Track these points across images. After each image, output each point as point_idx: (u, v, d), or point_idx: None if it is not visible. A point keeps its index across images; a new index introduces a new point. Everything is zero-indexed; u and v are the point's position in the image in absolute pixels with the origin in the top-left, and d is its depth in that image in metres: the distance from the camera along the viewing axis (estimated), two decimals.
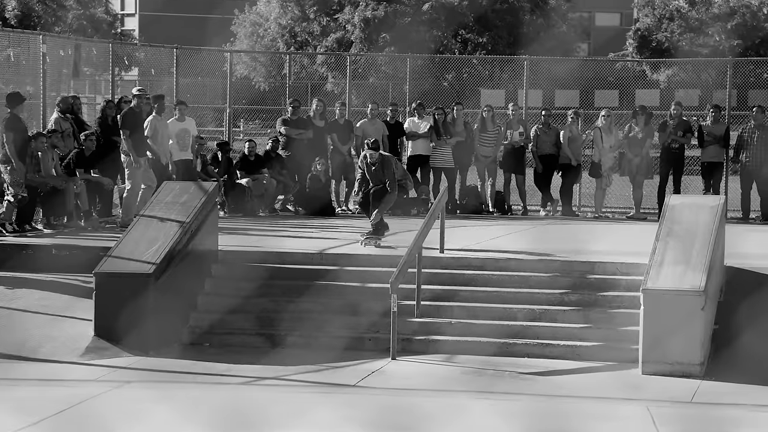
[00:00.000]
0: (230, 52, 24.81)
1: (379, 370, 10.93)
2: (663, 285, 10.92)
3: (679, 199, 12.91)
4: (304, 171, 19.71)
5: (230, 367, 11.02)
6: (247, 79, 48.60)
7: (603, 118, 19.98)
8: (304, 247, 13.80)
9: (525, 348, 11.53)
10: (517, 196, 20.71)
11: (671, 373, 10.79)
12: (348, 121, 20.54)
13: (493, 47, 45.85)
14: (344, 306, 12.35)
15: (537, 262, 12.76)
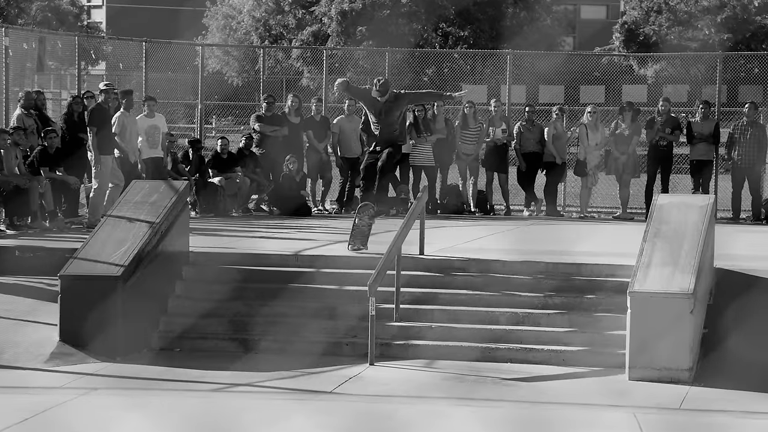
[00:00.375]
0: (202, 46, 24.77)
1: (357, 376, 10.93)
2: (650, 287, 10.96)
3: (667, 198, 12.96)
4: (278, 169, 19.71)
5: (202, 373, 11.00)
6: (219, 74, 48.52)
7: (589, 114, 20.05)
8: (279, 249, 13.78)
9: (508, 353, 11.56)
10: (499, 196, 20.77)
11: (659, 378, 10.83)
12: (324, 118, 20.55)
13: (474, 41, 45.93)
14: (321, 309, 12.34)
15: (520, 264, 12.79)
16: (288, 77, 43.62)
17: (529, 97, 33.23)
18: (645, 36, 46.55)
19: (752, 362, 10.91)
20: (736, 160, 19.59)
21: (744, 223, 19.52)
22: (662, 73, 43.49)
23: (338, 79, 13.55)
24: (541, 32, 46.60)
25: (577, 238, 15.83)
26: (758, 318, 11.52)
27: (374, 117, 13.64)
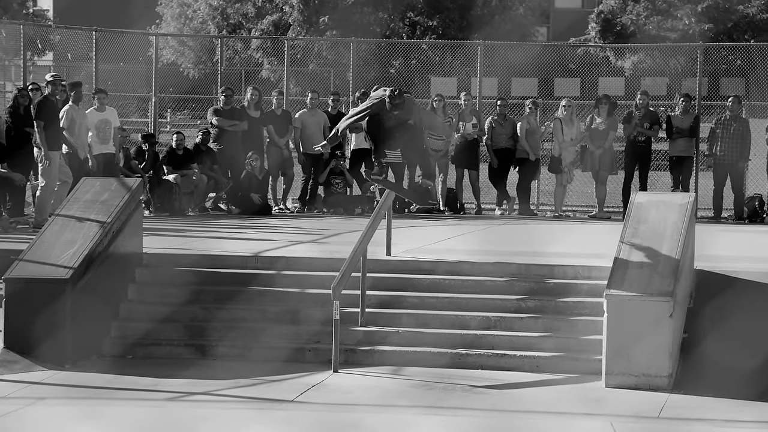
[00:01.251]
0: (156, 36, 24.68)
1: (320, 384, 10.93)
2: (628, 290, 11.02)
3: (646, 196, 13.02)
4: (237, 166, 19.68)
5: (156, 381, 10.97)
6: (174, 65, 48.33)
7: (563, 108, 20.13)
8: (237, 250, 13.76)
9: (479, 359, 11.58)
10: (470, 194, 20.82)
11: (637, 385, 10.88)
12: (286, 112, 20.54)
13: (444, 31, 45.96)
14: (282, 314, 12.33)
15: (492, 266, 12.82)
16: (247, 69, 43.51)
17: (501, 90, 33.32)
18: (622, 26, 46.74)
19: (734, 368, 10.99)
20: (718, 156, 19.72)
21: (726, 223, 19.66)
22: (640, 65, 43.70)
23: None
24: (514, 22, 46.70)
25: (551, 239, 15.89)
26: (740, 321, 11.60)
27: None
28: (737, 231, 18.11)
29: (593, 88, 34.78)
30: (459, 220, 19.23)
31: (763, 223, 19.57)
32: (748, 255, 14.18)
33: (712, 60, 33.83)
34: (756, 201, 19.94)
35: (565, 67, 35.79)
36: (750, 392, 10.61)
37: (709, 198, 20.12)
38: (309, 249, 14.08)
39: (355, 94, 20.90)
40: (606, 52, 43.70)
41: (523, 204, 20.26)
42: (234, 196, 19.68)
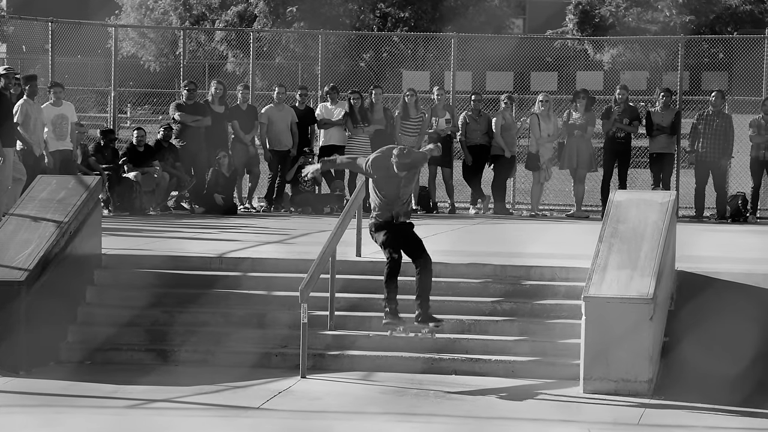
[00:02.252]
0: (115, 27, 24.59)
1: (287, 390, 10.92)
2: (607, 292, 11.05)
3: (625, 195, 13.07)
4: (200, 163, 19.63)
5: (116, 388, 10.93)
6: (134, 58, 48.18)
7: (540, 103, 20.18)
8: (201, 251, 13.73)
9: (452, 364, 11.60)
10: (443, 192, 20.85)
11: (616, 391, 10.92)
12: (251, 107, 20.50)
13: (416, 23, 46.00)
14: (247, 317, 12.31)
15: (466, 267, 12.84)
16: (211, 62, 43.43)
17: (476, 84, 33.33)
18: (601, 18, 46.91)
19: (716, 373, 11.04)
20: (700, 153, 19.81)
21: (708, 222, 19.75)
22: (619, 59, 43.86)
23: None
24: (489, 13, 46.80)
25: (527, 239, 15.92)
26: (722, 324, 11.66)
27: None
28: (720, 231, 18.20)
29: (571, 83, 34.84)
30: (432, 219, 19.23)
31: (746, 222, 19.68)
32: (730, 255, 14.25)
33: (693, 53, 33.98)
34: (739, 199, 20.03)
35: (541, 61, 35.86)
36: (733, 398, 10.67)
37: (691, 196, 20.21)
38: (276, 250, 14.06)
39: (324, 88, 20.90)
40: (584, 45, 43.85)
41: (498, 203, 20.30)
42: (197, 195, 19.63)
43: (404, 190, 11.51)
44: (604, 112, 20.19)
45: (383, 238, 11.41)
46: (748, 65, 24.08)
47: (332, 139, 20.13)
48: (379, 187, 11.44)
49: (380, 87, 20.89)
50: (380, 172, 11.39)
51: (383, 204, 11.44)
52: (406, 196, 11.60)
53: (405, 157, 11.27)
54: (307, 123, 20.32)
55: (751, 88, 23.14)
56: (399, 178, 11.33)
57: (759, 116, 19.81)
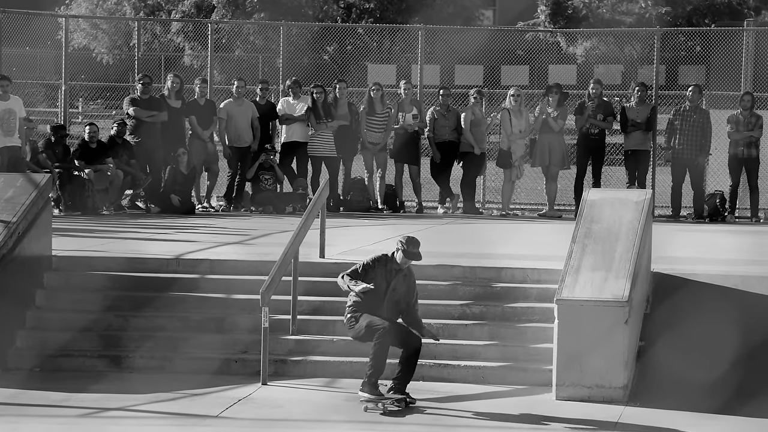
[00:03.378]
0: (66, 18, 24.47)
1: (247, 398, 10.91)
2: (580, 295, 11.09)
3: (599, 193, 13.13)
4: (156, 160, 19.57)
5: (67, 396, 10.89)
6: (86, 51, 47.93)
7: (511, 98, 20.22)
8: (157, 252, 13.69)
9: (420, 370, 11.58)
10: (410, 191, 20.85)
11: (590, 398, 10.96)
12: (210, 102, 20.45)
13: (381, 14, 45.98)
14: (205, 321, 12.29)
15: (434, 269, 12.86)
16: (167, 55, 43.27)
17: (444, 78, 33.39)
18: (574, 9, 47.02)
19: (694, 378, 11.10)
20: (677, 150, 19.89)
21: (685, 222, 19.84)
22: (593, 52, 43.99)
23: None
24: (457, 4, 46.82)
25: (498, 239, 15.96)
26: (700, 328, 11.72)
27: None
28: (697, 231, 18.29)
29: (543, 77, 34.96)
30: (398, 219, 19.25)
31: (724, 222, 19.78)
32: (708, 256, 14.33)
33: (669, 46, 34.15)
34: (717, 198, 20.14)
35: (512, 54, 35.93)
36: (711, 404, 10.73)
37: (667, 195, 20.30)
38: (235, 251, 14.04)
39: (286, 82, 20.87)
40: (556, 37, 43.96)
41: (467, 202, 20.33)
42: (153, 194, 19.56)
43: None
44: (578, 108, 20.25)
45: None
46: (726, 59, 24.22)
47: (294, 136, 20.10)
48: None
49: (345, 81, 20.88)
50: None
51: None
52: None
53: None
54: (268, 118, 20.28)
55: (730, 82, 23.27)
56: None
57: (737, 112, 19.91)
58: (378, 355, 10.59)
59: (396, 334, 10.66)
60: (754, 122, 19.75)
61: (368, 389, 10.59)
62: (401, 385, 10.66)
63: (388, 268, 10.78)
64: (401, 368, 10.68)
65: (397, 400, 10.57)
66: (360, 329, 10.70)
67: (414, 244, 10.81)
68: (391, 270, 10.78)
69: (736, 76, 22.04)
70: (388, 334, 10.59)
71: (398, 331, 10.71)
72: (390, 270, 10.78)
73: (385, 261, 10.81)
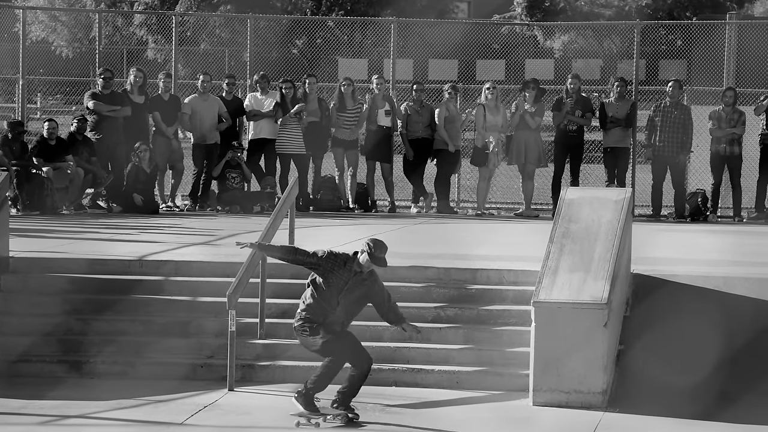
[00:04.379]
0: (23, 9, 24.35)
1: (213, 404, 10.90)
2: (558, 297, 11.12)
3: (578, 192, 13.16)
4: (118, 158, 19.51)
5: (25, 403, 10.85)
6: (45, 44, 47.77)
7: (487, 92, 20.24)
8: (119, 253, 13.66)
9: (392, 374, 11.62)
10: (382, 189, 20.85)
11: (568, 403, 10.99)
12: (174, 97, 20.40)
13: (352, 7, 46.01)
14: (170, 325, 12.27)
15: (407, 270, 12.87)
16: (129, 48, 43.17)
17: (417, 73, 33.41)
18: (551, 2, 47.17)
19: (675, 383, 11.14)
20: (657, 147, 19.95)
21: (666, 221, 19.91)
22: (571, 46, 44.12)
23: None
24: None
25: (473, 240, 15.98)
26: (681, 331, 11.77)
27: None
28: (678, 231, 18.36)
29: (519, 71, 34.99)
30: (370, 218, 19.25)
31: (706, 221, 19.86)
32: (689, 257, 14.39)
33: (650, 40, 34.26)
34: (699, 197, 20.22)
35: (488, 48, 35.98)
36: (692, 410, 10.78)
37: (648, 194, 20.36)
38: (201, 252, 14.02)
39: (254, 77, 20.84)
40: (533, 30, 44.05)
41: (441, 201, 20.34)
42: (115, 192, 19.50)
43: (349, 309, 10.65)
44: (555, 104, 20.29)
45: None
46: (708, 53, 24.30)
47: (262, 132, 20.07)
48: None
49: (314, 76, 20.86)
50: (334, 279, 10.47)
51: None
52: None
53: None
54: (235, 114, 20.24)
55: (712, 77, 23.37)
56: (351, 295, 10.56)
57: (719, 108, 20.00)
58: (328, 374, 10.44)
59: (350, 353, 10.49)
60: (737, 119, 19.83)
61: (304, 402, 10.41)
62: (346, 400, 10.45)
63: (347, 267, 10.50)
64: (348, 384, 10.49)
65: (338, 416, 10.36)
66: (315, 345, 10.51)
67: (381, 248, 10.52)
68: (350, 270, 10.52)
69: (718, 71, 22.13)
70: (344, 355, 10.46)
71: (352, 350, 10.50)
72: (349, 269, 10.54)
73: (345, 259, 10.57)
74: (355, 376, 10.51)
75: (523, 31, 44.20)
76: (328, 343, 10.47)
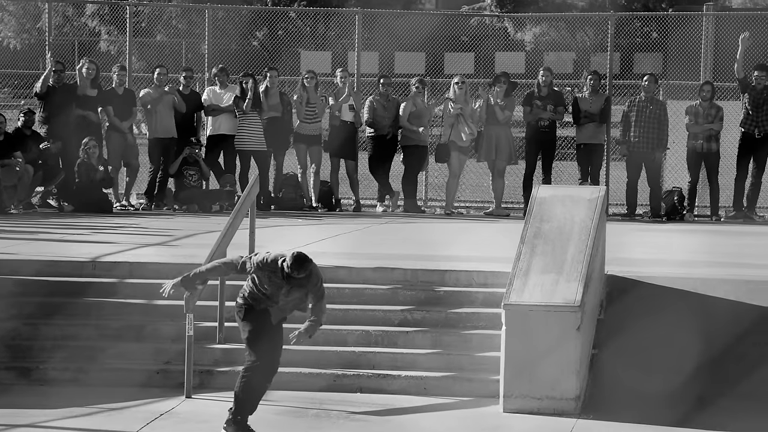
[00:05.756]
0: None
1: (170, 412, 10.87)
2: (529, 299, 11.14)
3: (550, 190, 13.19)
4: (70, 154, 19.43)
5: None
6: None
7: (455, 86, 20.26)
8: (71, 254, 13.61)
9: (357, 380, 11.62)
10: (347, 188, 20.85)
11: (539, 410, 11.02)
12: (129, 91, 20.34)
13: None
14: (124, 329, 12.23)
15: (373, 272, 12.87)
16: (81, 39, 42.99)
17: (383, 66, 33.46)
18: None
19: (651, 388, 11.19)
20: (632, 144, 20.02)
21: (641, 221, 19.98)
22: (543, 38, 44.23)
23: None
24: None
25: (441, 240, 15.99)
26: (657, 334, 11.81)
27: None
28: (654, 230, 18.44)
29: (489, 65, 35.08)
30: (334, 218, 19.25)
31: (683, 221, 19.94)
32: (666, 258, 14.44)
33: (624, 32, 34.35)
34: (675, 196, 20.29)
35: (456, 41, 36.04)
36: (669, 417, 10.83)
37: (622, 192, 20.43)
38: (157, 253, 13.98)
39: (212, 70, 20.80)
40: (504, 22, 44.14)
41: (408, 199, 20.35)
42: (67, 191, 19.42)
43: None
44: (526, 98, 20.33)
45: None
46: (684, 46, 24.41)
47: (221, 128, 20.03)
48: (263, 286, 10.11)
49: (276, 69, 20.83)
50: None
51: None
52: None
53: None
54: (193, 109, 20.19)
55: (688, 71, 23.47)
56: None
57: (696, 103, 20.07)
58: (256, 391, 9.97)
59: (268, 372, 10.03)
60: (714, 114, 19.91)
61: (235, 431, 9.93)
62: (238, 415, 9.97)
63: (277, 275, 9.96)
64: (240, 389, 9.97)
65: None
66: (243, 332, 10.08)
67: (299, 269, 9.80)
68: (283, 277, 9.94)
69: (695, 65, 22.22)
70: (258, 371, 9.96)
71: (270, 368, 10.06)
72: (281, 277, 9.95)
73: (273, 269, 9.97)
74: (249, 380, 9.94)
75: (493, 22, 44.28)
76: (253, 338, 10.00)
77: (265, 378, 10.05)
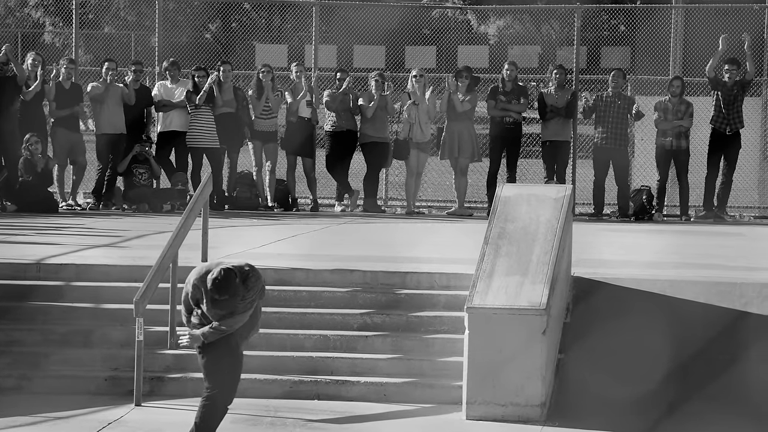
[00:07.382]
0: None
1: (118, 421, 10.84)
2: (493, 302, 11.16)
3: (515, 189, 13.21)
4: (13, 151, 19.33)
5: None
6: None
7: (414, 80, 20.27)
8: (13, 256, 13.56)
9: (315, 387, 11.62)
10: (304, 186, 20.85)
11: (504, 417, 11.03)
12: (75, 85, 20.26)
13: None
14: (70, 334, 12.18)
15: (331, 274, 12.87)
16: (24, 31, 42.77)
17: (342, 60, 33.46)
18: None
19: (619, 394, 11.22)
20: (599, 141, 20.09)
21: (609, 221, 20.06)
22: (507, 31, 44.36)
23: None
24: None
25: (402, 240, 16.01)
26: (625, 339, 11.85)
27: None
28: (622, 230, 18.50)
29: (451, 59, 35.13)
30: (291, 218, 19.23)
31: (651, 221, 20.02)
32: (634, 259, 14.50)
33: (591, 25, 34.52)
34: (644, 195, 20.37)
35: (417, 33, 36.11)
36: (638, 424, 10.87)
37: (589, 191, 20.50)
38: (105, 254, 13.93)
39: (163, 64, 20.75)
40: (466, 15, 44.24)
41: (368, 198, 20.37)
42: (9, 189, 19.33)
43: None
44: (490, 93, 20.36)
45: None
46: (653, 39, 24.54)
47: (173, 124, 19.99)
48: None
49: (229, 63, 20.80)
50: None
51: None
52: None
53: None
54: (142, 105, 20.12)
55: (657, 65, 23.60)
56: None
57: (665, 98, 20.17)
58: (216, 419, 9.77)
59: (228, 399, 9.80)
60: (684, 110, 20.01)
61: None
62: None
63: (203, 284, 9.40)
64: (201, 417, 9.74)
65: None
66: (202, 359, 9.76)
67: (222, 290, 9.21)
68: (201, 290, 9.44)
69: (663, 59, 22.33)
70: (219, 400, 9.73)
71: (230, 396, 9.82)
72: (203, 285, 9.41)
73: (203, 279, 9.38)
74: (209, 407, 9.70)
75: (456, 15, 44.35)
76: (211, 362, 9.71)
77: (225, 405, 9.85)
